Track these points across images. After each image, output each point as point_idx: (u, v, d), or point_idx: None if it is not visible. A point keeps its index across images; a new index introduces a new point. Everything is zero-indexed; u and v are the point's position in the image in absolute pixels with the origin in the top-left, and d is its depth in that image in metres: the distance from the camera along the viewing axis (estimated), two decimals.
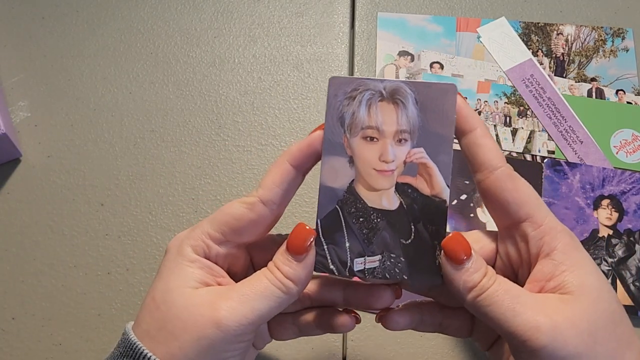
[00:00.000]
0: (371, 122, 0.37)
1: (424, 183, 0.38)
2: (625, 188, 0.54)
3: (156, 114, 0.56)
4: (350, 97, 0.38)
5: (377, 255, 0.38)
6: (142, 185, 0.53)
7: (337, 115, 0.38)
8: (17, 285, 0.49)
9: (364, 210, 0.38)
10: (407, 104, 0.38)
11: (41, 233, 0.51)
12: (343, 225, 0.38)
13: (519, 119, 0.57)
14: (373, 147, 0.37)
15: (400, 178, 0.38)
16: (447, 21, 0.61)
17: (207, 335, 0.32)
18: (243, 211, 0.35)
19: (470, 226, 0.52)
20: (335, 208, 0.38)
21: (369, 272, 0.38)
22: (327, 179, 0.38)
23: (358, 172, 0.38)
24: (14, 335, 0.48)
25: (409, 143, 0.38)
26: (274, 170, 0.36)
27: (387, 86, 0.38)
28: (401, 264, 0.38)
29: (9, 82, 0.57)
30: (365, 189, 0.38)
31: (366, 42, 0.60)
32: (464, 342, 0.48)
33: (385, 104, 0.37)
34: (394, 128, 0.37)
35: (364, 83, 0.38)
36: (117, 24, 0.61)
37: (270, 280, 0.34)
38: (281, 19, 0.61)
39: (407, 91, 0.38)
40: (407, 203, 0.38)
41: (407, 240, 0.38)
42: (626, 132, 0.56)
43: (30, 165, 0.54)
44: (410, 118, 0.37)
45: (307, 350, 0.47)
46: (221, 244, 0.36)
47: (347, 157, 0.38)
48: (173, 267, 0.35)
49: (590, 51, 0.60)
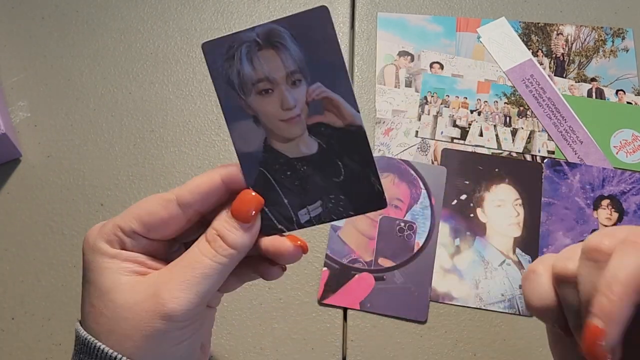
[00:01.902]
0: (259, 75, 0.36)
1: (334, 116, 0.37)
2: (625, 188, 0.54)
3: (156, 114, 0.56)
4: (228, 57, 0.36)
5: (318, 201, 0.37)
6: (142, 185, 0.53)
7: (224, 79, 0.37)
8: (17, 285, 0.49)
9: (287, 164, 0.37)
10: (286, 44, 0.36)
11: (41, 233, 0.51)
12: (274, 184, 0.37)
13: (519, 119, 0.57)
14: (271, 99, 0.36)
15: (309, 120, 0.37)
16: (447, 21, 0.61)
17: (158, 328, 0.32)
18: (157, 208, 0.35)
19: (470, 226, 0.52)
20: (260, 171, 0.37)
21: (315, 219, 0.37)
22: (241, 146, 0.37)
23: (267, 128, 0.37)
24: (14, 335, 0.48)
25: (303, 82, 0.36)
26: (204, 177, 0.35)
27: (260, 32, 0.36)
28: (343, 202, 0.37)
29: (9, 82, 0.57)
30: (280, 142, 0.37)
31: (366, 42, 0.60)
32: (464, 343, 0.48)
33: (265, 51, 0.36)
34: (282, 72, 0.36)
35: (237, 38, 0.36)
36: (117, 24, 0.61)
37: (211, 257, 0.34)
38: None
39: (281, 30, 0.36)
40: (325, 142, 0.37)
41: (339, 177, 0.37)
42: (626, 132, 0.56)
43: (30, 165, 0.54)
44: (295, 56, 0.36)
45: (307, 350, 0.47)
46: (133, 238, 0.35)
47: (250, 117, 0.37)
48: (98, 268, 0.34)
49: (590, 51, 0.60)
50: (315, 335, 0.48)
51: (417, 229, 0.51)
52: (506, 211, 0.53)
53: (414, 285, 0.50)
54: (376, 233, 0.51)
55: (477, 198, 0.53)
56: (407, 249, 0.51)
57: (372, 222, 0.51)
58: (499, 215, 0.52)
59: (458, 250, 0.51)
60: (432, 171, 0.53)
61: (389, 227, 0.51)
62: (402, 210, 0.52)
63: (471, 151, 0.55)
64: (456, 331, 0.49)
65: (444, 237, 0.52)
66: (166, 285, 0.33)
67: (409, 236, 0.51)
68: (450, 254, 0.51)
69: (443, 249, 0.51)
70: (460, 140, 0.55)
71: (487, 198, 0.53)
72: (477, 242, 0.51)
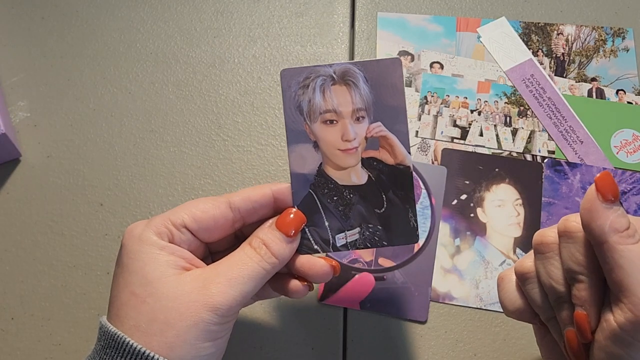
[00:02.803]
0: (328, 106, 0.39)
1: (387, 154, 0.40)
2: (626, 188, 0.54)
3: (156, 114, 0.56)
4: (304, 85, 0.40)
5: (356, 228, 0.40)
6: (142, 185, 0.53)
7: (295, 105, 0.40)
8: (17, 285, 0.49)
9: (336, 190, 0.40)
10: (359, 83, 0.40)
11: (41, 233, 0.51)
12: (319, 206, 0.40)
13: (519, 119, 0.57)
14: (334, 129, 0.40)
15: (364, 153, 0.40)
16: (447, 21, 0.61)
17: (203, 319, 0.33)
18: (209, 206, 0.37)
19: (470, 226, 0.52)
20: (309, 192, 0.40)
21: (351, 245, 0.40)
22: (296, 167, 0.40)
23: (324, 154, 0.40)
24: (14, 335, 0.48)
25: (366, 119, 0.40)
26: (256, 189, 0.38)
27: (337, 70, 0.40)
28: (379, 232, 0.40)
29: (9, 82, 0.57)
30: (333, 169, 0.40)
31: (366, 42, 0.60)
32: (464, 343, 0.48)
33: (338, 86, 0.40)
34: (350, 108, 0.39)
35: (315, 70, 0.40)
36: (117, 24, 0.60)
37: (257, 262, 0.36)
38: (281, 19, 0.61)
39: (356, 71, 0.40)
40: (375, 175, 0.40)
41: (381, 209, 0.40)
42: (626, 132, 0.56)
43: (30, 165, 0.54)
44: (364, 96, 0.40)
45: (307, 350, 0.47)
46: (182, 233, 0.36)
47: (311, 142, 0.40)
48: (144, 258, 0.35)
49: (591, 51, 0.60)
50: (315, 335, 0.48)
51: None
52: (506, 211, 0.53)
53: (414, 285, 0.50)
54: None
55: (477, 198, 0.53)
56: (408, 249, 0.51)
57: None
58: (499, 215, 0.52)
59: (458, 250, 0.51)
60: (432, 171, 0.53)
61: None
62: None
63: (471, 151, 0.55)
64: (456, 331, 0.49)
65: (444, 237, 0.51)
66: (214, 280, 0.35)
67: None
68: (451, 254, 0.51)
69: (443, 249, 0.51)
70: (460, 140, 0.55)
71: (487, 198, 0.53)
72: (478, 242, 0.51)
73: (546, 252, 0.35)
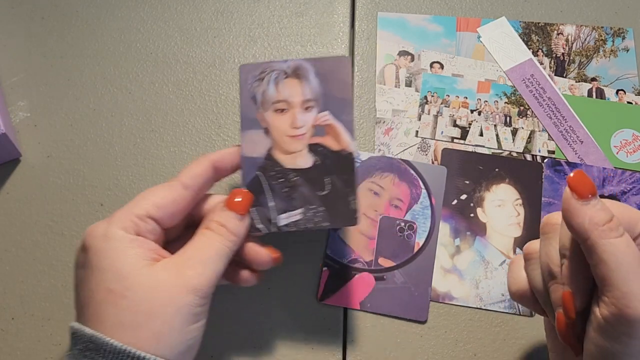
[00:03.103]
0: (279, 97, 0.44)
1: (332, 140, 0.44)
2: (626, 188, 0.54)
3: (156, 114, 0.56)
4: (259, 79, 0.44)
5: (299, 209, 0.43)
6: (142, 185, 0.53)
7: (250, 95, 0.44)
8: (17, 285, 0.49)
9: (282, 172, 0.43)
10: (309, 77, 0.44)
11: (41, 233, 0.51)
12: (265, 187, 0.43)
13: (519, 118, 0.57)
14: (284, 117, 0.44)
15: (311, 139, 0.43)
16: (447, 21, 0.61)
17: (186, 302, 0.34)
18: (165, 191, 0.39)
19: (470, 226, 0.52)
20: (256, 174, 0.43)
21: (292, 224, 0.42)
22: (248, 151, 0.43)
23: (274, 140, 0.44)
24: (14, 335, 0.48)
25: (315, 109, 0.44)
26: (198, 164, 0.41)
27: (290, 65, 0.44)
28: (321, 213, 0.43)
29: (9, 82, 0.57)
30: (281, 153, 0.43)
31: (366, 42, 0.60)
32: (464, 343, 0.48)
33: (290, 79, 0.44)
34: (300, 98, 0.44)
35: (270, 66, 0.45)
36: (117, 24, 0.60)
37: (220, 242, 0.37)
38: (281, 19, 0.61)
39: (307, 67, 0.44)
40: (320, 160, 0.43)
41: (323, 191, 0.43)
42: (626, 132, 0.56)
43: (30, 165, 0.54)
44: (313, 88, 0.44)
45: (307, 350, 0.47)
46: (147, 223, 0.37)
47: (262, 129, 0.44)
48: (112, 255, 0.35)
49: (591, 51, 0.60)
50: (315, 335, 0.48)
51: (417, 228, 0.51)
52: (506, 211, 0.53)
53: (414, 285, 0.50)
54: (376, 233, 0.51)
55: (477, 198, 0.53)
56: (408, 248, 0.51)
57: (372, 222, 0.51)
58: (499, 215, 0.52)
59: (458, 250, 0.51)
60: (432, 171, 0.53)
61: (389, 227, 0.51)
62: (402, 210, 0.52)
63: (471, 151, 0.55)
64: (456, 331, 0.49)
65: (444, 237, 0.52)
66: (187, 264, 0.36)
67: (409, 236, 0.51)
68: (451, 254, 0.51)
69: (443, 249, 0.51)
70: (460, 140, 0.55)
71: (487, 198, 0.53)
72: (478, 242, 0.51)
73: (549, 232, 0.36)
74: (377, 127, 0.56)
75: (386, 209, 0.52)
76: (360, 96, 0.57)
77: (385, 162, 0.54)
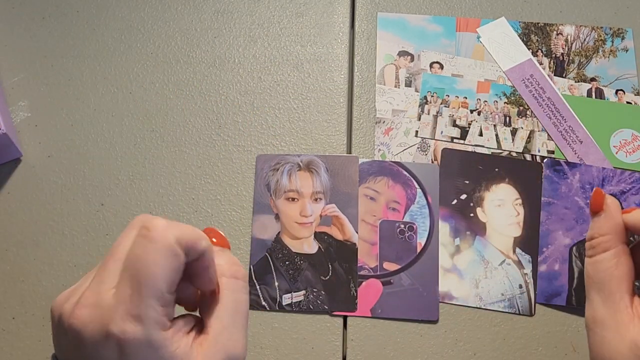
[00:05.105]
0: (292, 187, 0.50)
1: (337, 231, 0.49)
2: (625, 188, 0.54)
3: (156, 114, 0.56)
4: (274, 169, 0.51)
5: (302, 291, 0.47)
6: (142, 185, 0.53)
7: (264, 183, 0.50)
8: (17, 285, 0.49)
9: (289, 255, 0.48)
10: (320, 172, 0.50)
11: (41, 233, 0.51)
12: (272, 268, 0.48)
13: (519, 118, 0.57)
14: (294, 206, 0.49)
15: (318, 228, 0.49)
16: (447, 21, 0.61)
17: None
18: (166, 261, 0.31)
19: (470, 226, 0.52)
20: (265, 255, 0.48)
21: (295, 305, 0.47)
22: (257, 232, 0.49)
23: (283, 225, 0.49)
24: (14, 335, 0.48)
25: (323, 201, 0.50)
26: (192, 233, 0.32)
27: (304, 159, 0.51)
28: (322, 296, 0.47)
29: (9, 82, 0.57)
30: (289, 238, 0.49)
31: (366, 42, 0.60)
32: (464, 342, 0.48)
33: (302, 172, 0.50)
34: (310, 190, 0.50)
35: (285, 158, 0.51)
36: (117, 24, 0.61)
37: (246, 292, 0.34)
38: (281, 19, 0.61)
39: (319, 162, 0.51)
40: (325, 247, 0.48)
41: (326, 277, 0.48)
42: (626, 132, 0.56)
43: (31, 165, 0.54)
44: (323, 182, 0.50)
45: (307, 350, 0.47)
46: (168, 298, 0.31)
47: (273, 214, 0.49)
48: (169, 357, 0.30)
49: (590, 51, 0.60)
50: (315, 335, 0.48)
51: (417, 229, 0.51)
52: (506, 211, 0.53)
53: (421, 285, 0.50)
54: (378, 238, 0.51)
55: (477, 198, 0.53)
56: (410, 250, 0.51)
57: (372, 227, 0.51)
58: (499, 215, 0.52)
59: (458, 250, 0.51)
60: (424, 169, 0.53)
61: (390, 230, 0.51)
62: (400, 212, 0.52)
63: (471, 151, 0.55)
64: (456, 331, 0.49)
65: (444, 236, 0.52)
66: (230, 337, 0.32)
67: (410, 237, 0.51)
68: (450, 253, 0.51)
69: (443, 249, 0.51)
70: (460, 140, 0.56)
71: (487, 198, 0.53)
72: (477, 242, 0.52)
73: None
74: (377, 127, 0.56)
75: (384, 213, 0.52)
76: (360, 96, 0.57)
77: (377, 166, 0.53)
